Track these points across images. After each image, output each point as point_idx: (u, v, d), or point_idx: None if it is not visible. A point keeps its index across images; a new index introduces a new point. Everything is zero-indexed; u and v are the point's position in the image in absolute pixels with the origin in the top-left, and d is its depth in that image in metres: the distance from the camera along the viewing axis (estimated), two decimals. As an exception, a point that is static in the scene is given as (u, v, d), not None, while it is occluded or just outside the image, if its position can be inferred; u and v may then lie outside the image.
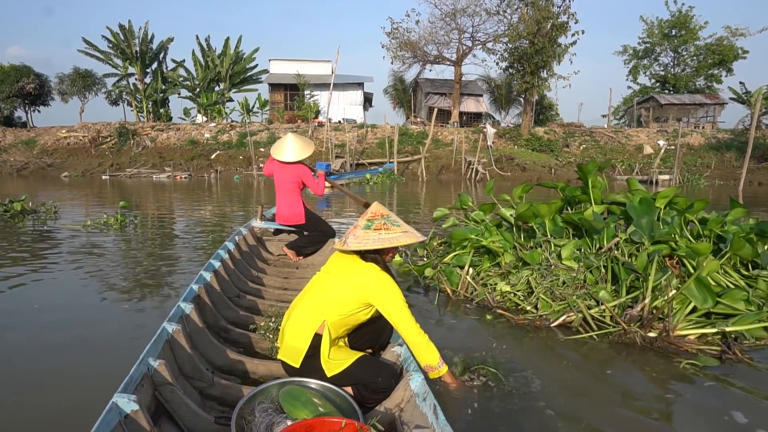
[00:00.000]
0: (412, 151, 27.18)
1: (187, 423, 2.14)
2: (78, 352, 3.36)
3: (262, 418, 2.01)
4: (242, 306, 3.81)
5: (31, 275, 5.34)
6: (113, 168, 26.06)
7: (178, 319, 2.79)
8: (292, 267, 5.34)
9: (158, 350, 2.38)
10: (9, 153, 28.07)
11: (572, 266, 4.34)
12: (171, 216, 11.10)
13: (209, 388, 2.51)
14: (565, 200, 5.53)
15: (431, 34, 31.57)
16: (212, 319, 3.27)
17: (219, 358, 2.82)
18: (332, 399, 2.22)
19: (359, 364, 2.35)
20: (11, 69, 31.93)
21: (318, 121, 30.15)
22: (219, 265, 4.06)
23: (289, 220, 5.34)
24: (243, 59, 34.93)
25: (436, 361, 2.41)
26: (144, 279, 5.29)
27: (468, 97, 34.68)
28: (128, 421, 1.84)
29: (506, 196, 6.02)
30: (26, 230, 8.30)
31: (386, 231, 2.45)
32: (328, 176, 9.83)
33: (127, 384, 1.98)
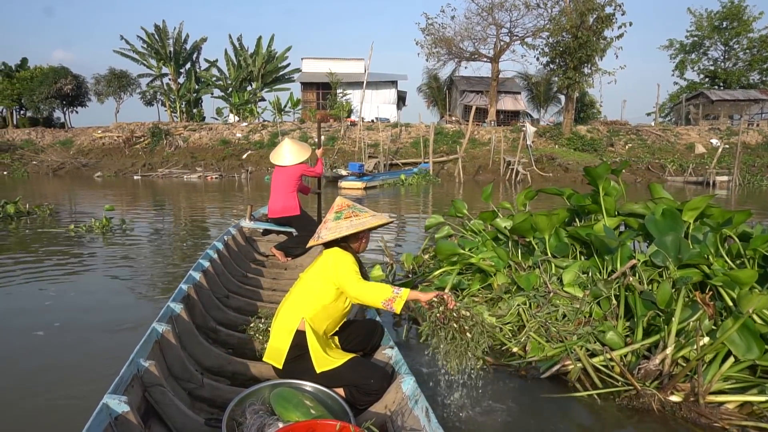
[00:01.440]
0: (447, 150, 26.21)
1: (176, 425, 2.11)
2: (64, 354, 3.36)
3: (253, 420, 1.99)
4: (231, 306, 3.77)
5: (12, 279, 5.34)
6: (145, 168, 25.95)
7: (168, 320, 2.75)
8: (281, 268, 5.33)
9: (148, 351, 2.35)
10: (47, 153, 28.32)
11: (576, 294, 3.49)
12: (175, 217, 10.67)
13: (199, 390, 2.48)
14: (572, 210, 4.55)
15: (467, 29, 30.55)
16: (201, 319, 3.23)
17: (208, 359, 2.80)
18: (324, 401, 2.20)
19: (350, 365, 2.34)
20: (50, 71, 32.34)
21: (350, 120, 29.47)
22: (208, 264, 4.02)
23: (283, 211, 5.38)
24: (275, 58, 34.57)
25: (389, 293, 2.25)
26: (126, 281, 5.38)
27: (505, 94, 33.46)
28: (119, 422, 1.81)
29: (507, 203, 5.11)
30: (9, 233, 8.09)
31: (356, 217, 2.52)
32: (361, 177, 9.89)
33: (117, 385, 1.95)
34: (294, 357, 2.36)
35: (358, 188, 17.42)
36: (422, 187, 19.19)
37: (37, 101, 31.62)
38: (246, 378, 2.72)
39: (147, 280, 5.48)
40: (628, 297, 3.34)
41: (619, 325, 3.23)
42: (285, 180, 5.40)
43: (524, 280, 3.78)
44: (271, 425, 1.97)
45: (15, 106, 33.65)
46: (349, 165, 19.85)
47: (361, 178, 18.10)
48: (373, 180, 18.65)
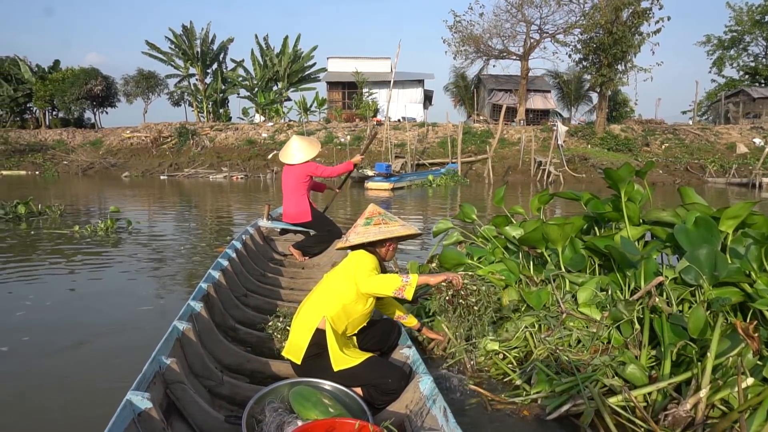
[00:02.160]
0: (475, 150, 25.60)
1: (197, 421, 2.14)
2: (86, 351, 3.42)
3: (273, 418, 2.00)
4: (249, 305, 3.80)
5: (27, 278, 5.41)
6: (172, 168, 26.01)
7: (188, 318, 2.77)
8: (298, 267, 5.34)
9: (169, 348, 2.37)
10: (77, 153, 28.68)
11: (592, 316, 3.01)
12: (199, 217, 10.40)
13: (218, 387, 2.50)
14: (591, 218, 4.00)
15: (496, 26, 29.84)
16: (220, 318, 3.26)
17: (227, 357, 2.83)
18: (342, 400, 2.20)
19: (368, 364, 2.35)
20: (81, 72, 32.77)
21: (377, 119, 29.07)
22: (227, 263, 4.04)
23: (296, 218, 5.33)
24: (301, 58, 34.43)
25: (399, 282, 2.30)
26: (147, 279, 5.45)
27: (534, 93, 32.63)
28: (142, 418, 1.83)
29: (519, 207, 4.58)
30: (20, 234, 8.07)
31: (385, 225, 2.58)
32: (388, 177, 9.47)
33: (140, 381, 1.97)
34: (313, 354, 2.38)
35: (385, 189, 16.97)
36: (450, 188, 18.66)
37: (68, 102, 32.08)
38: (264, 376, 2.74)
39: (167, 278, 5.46)
40: (653, 321, 2.84)
41: (642, 356, 2.72)
42: (294, 181, 5.29)
43: (534, 298, 3.30)
44: (290, 423, 1.97)
45: (48, 107, 34.26)
46: (376, 165, 19.40)
47: (388, 179, 17.64)
48: (400, 181, 18.18)
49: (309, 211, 5.31)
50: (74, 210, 11.47)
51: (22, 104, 34.74)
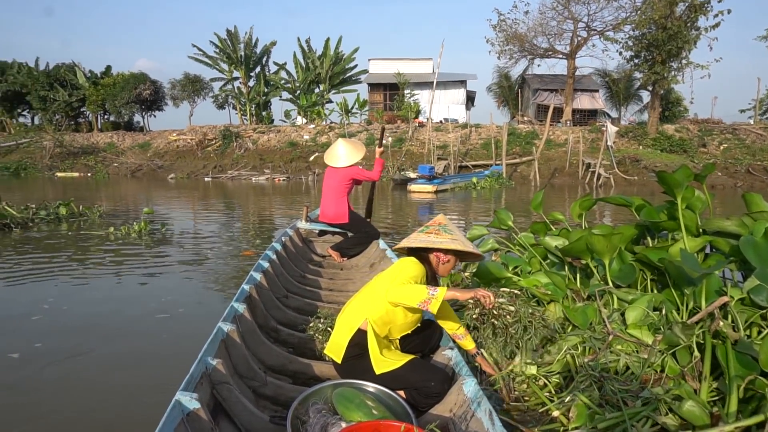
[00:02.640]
0: (520, 152, 24.92)
1: (243, 421, 2.15)
2: (133, 351, 3.49)
3: (317, 419, 2.00)
4: (290, 306, 3.81)
5: (81, 279, 5.53)
6: (216, 170, 26.40)
7: (232, 319, 2.79)
8: (336, 268, 5.36)
9: (215, 349, 2.39)
10: (126, 156, 29.53)
11: (643, 340, 2.62)
12: (242, 218, 10.35)
13: (262, 388, 2.52)
14: (643, 227, 3.56)
15: (541, 24, 29.01)
16: (263, 319, 3.27)
17: (270, 357, 2.83)
18: (385, 402, 2.18)
19: (410, 367, 2.31)
20: (130, 77, 33.80)
21: (418, 121, 28.73)
22: (267, 265, 4.08)
23: (333, 219, 5.39)
24: (343, 60, 34.44)
25: (425, 295, 2.16)
26: (190, 280, 5.53)
27: (581, 92, 31.58)
28: (190, 418, 1.84)
29: (559, 214, 4.20)
30: (58, 234, 8.18)
31: (436, 235, 2.48)
32: (431, 180, 11.34)
33: (188, 382, 1.98)
34: (354, 355, 2.37)
35: (428, 192, 16.59)
36: (495, 190, 18.12)
37: (118, 106, 33.11)
38: (307, 377, 2.75)
39: (211, 279, 5.51)
40: (716, 348, 2.41)
41: (702, 390, 2.30)
42: (336, 183, 5.39)
43: (579, 315, 2.92)
44: (334, 424, 1.97)
45: (100, 111, 35.46)
46: (419, 167, 19.02)
47: (431, 181, 17.25)
48: (443, 183, 17.75)
49: (347, 213, 5.39)
50: (116, 210, 11.65)
51: (77, 109, 36.08)
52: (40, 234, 8.11)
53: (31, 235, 8.01)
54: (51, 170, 28.52)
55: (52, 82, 35.08)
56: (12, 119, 37.21)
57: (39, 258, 6.39)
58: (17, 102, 36.30)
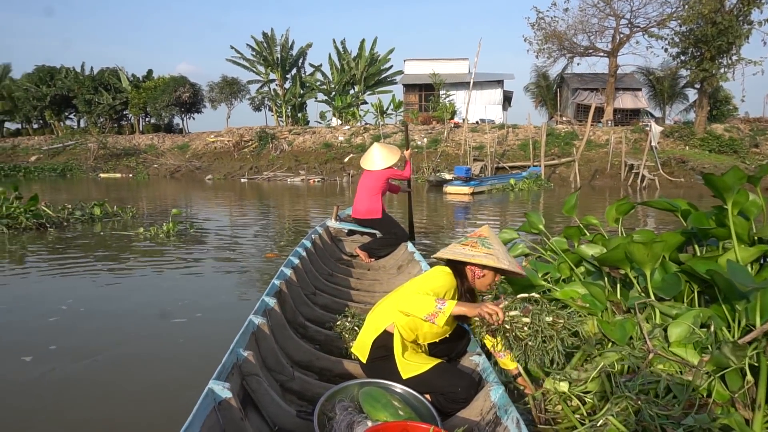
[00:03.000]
0: (559, 153, 24.27)
1: (270, 414, 2.18)
2: (167, 342, 3.64)
3: (343, 417, 2.00)
4: (318, 303, 3.84)
5: (119, 276, 5.76)
6: (252, 171, 26.69)
7: (263, 313, 2.83)
8: (364, 268, 5.37)
9: (246, 341, 2.43)
10: (165, 157, 30.21)
11: (687, 360, 2.29)
12: (277, 218, 10.23)
13: (289, 382, 2.54)
14: (689, 234, 3.20)
15: (582, 22, 28.16)
16: (291, 314, 3.30)
17: (298, 353, 2.86)
18: (411, 403, 2.17)
19: (436, 371, 2.29)
20: (170, 80, 34.60)
21: (454, 122, 28.35)
22: (297, 262, 4.12)
23: (366, 214, 5.44)
24: (378, 61, 34.35)
25: (432, 308, 2.12)
26: (221, 275, 5.73)
27: (623, 91, 30.50)
28: (222, 407, 1.87)
29: (594, 218, 4.01)
30: (94, 234, 8.35)
31: (471, 248, 2.40)
32: (468, 181, 11.08)
33: (220, 372, 2.02)
34: (379, 356, 2.36)
35: (464, 193, 16.25)
36: (533, 192, 17.63)
37: (159, 109, 33.93)
38: (332, 374, 2.76)
39: (230, 282, 5.51)
40: None
41: (756, 421, 1.99)
42: (372, 183, 5.49)
43: (617, 330, 2.63)
44: (360, 423, 1.97)
45: (141, 113, 36.45)
46: (455, 169, 18.68)
47: (467, 183, 16.90)
48: (480, 185, 17.36)
49: (380, 209, 5.46)
50: (153, 211, 11.81)
51: (120, 111, 37.18)
52: (72, 234, 8.24)
53: (65, 235, 8.15)
54: (95, 171, 29.46)
55: (97, 86, 36.25)
56: (60, 122, 38.64)
57: (67, 257, 6.47)
58: (65, 105, 37.66)
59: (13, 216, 8.35)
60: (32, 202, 8.82)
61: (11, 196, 8.84)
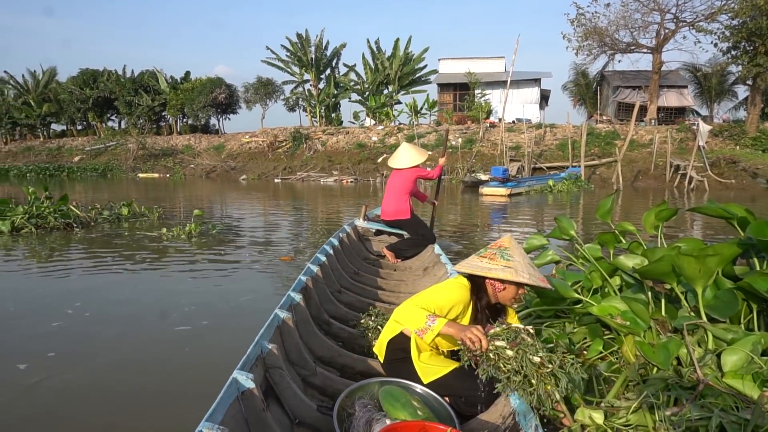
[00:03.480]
0: (599, 153, 23.43)
1: (291, 406, 2.22)
2: (194, 333, 3.77)
3: (362, 413, 2.02)
4: (342, 301, 3.86)
5: (154, 272, 5.97)
6: (285, 171, 26.75)
7: (288, 307, 2.85)
8: (390, 268, 5.36)
9: (270, 334, 2.45)
10: (201, 157, 30.65)
11: (745, 393, 1.94)
12: (310, 219, 9.99)
13: (311, 377, 2.57)
14: (748, 245, 2.74)
15: (624, 17, 27.14)
16: (316, 311, 3.33)
17: (321, 349, 2.89)
18: (431, 404, 2.18)
19: (456, 374, 2.25)
20: (207, 81, 35.11)
21: (489, 121, 27.77)
22: (324, 259, 4.15)
23: (394, 214, 5.48)
24: (412, 60, 34.00)
25: (422, 323, 2.12)
26: (248, 272, 5.88)
27: (668, 89, 29.29)
28: (245, 396, 1.91)
29: (629, 224, 3.55)
30: (119, 234, 8.36)
31: (490, 260, 2.31)
32: (505, 182, 10.92)
33: (244, 363, 2.05)
34: (396, 358, 2.36)
35: (501, 195, 15.75)
36: (573, 194, 16.98)
37: (196, 110, 34.48)
38: (354, 371, 2.78)
39: (243, 286, 5.43)
40: None
41: None
42: (400, 183, 5.50)
43: (660, 353, 2.24)
44: (379, 421, 1.99)
45: (179, 114, 37.15)
46: (492, 169, 18.19)
47: (504, 184, 16.39)
48: (517, 186, 16.82)
49: (408, 209, 5.47)
50: (185, 210, 11.81)
51: (158, 113, 38.00)
52: (96, 234, 8.28)
53: (90, 235, 8.20)
54: (134, 171, 30.12)
55: (137, 88, 37.14)
56: (102, 123, 39.78)
57: (86, 257, 6.58)
58: (107, 107, 38.76)
59: (43, 216, 8.52)
60: (61, 202, 8.99)
61: (42, 196, 9.03)
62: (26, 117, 39.05)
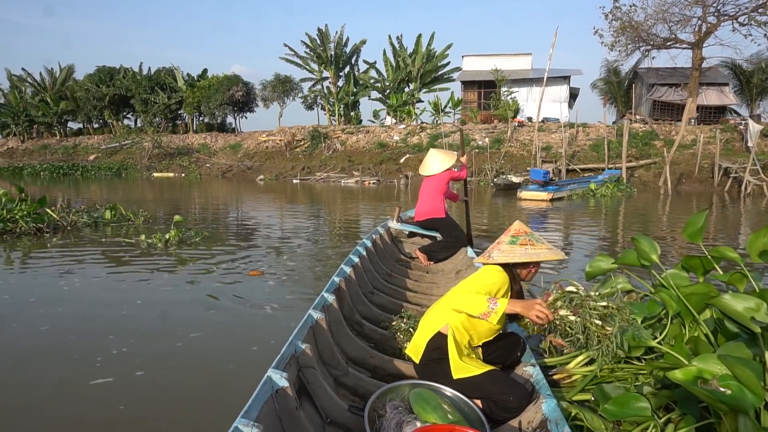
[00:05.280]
0: (636, 154, 21.99)
1: (323, 406, 2.26)
2: (229, 331, 3.92)
3: (393, 415, 2.04)
4: (375, 303, 3.86)
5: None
6: (304, 172, 25.72)
7: (322, 308, 2.89)
8: (422, 270, 5.34)
9: (304, 334, 2.50)
10: (218, 157, 29.80)
11: None
12: (292, 230, 8.88)
13: (343, 377, 2.60)
14: None
15: (662, 11, 25.61)
16: (348, 312, 3.35)
17: (353, 349, 2.91)
18: (461, 408, 2.19)
19: (489, 377, 2.28)
20: (224, 79, 34.30)
21: (518, 120, 26.42)
22: (357, 260, 4.20)
23: (429, 213, 5.51)
24: (435, 57, 32.75)
25: (485, 307, 2.19)
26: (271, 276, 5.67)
27: (707, 86, 27.68)
28: (279, 395, 1.96)
29: (728, 249, 2.71)
30: (93, 240, 7.83)
31: (532, 247, 2.45)
32: (545, 186, 11.54)
33: (278, 361, 2.10)
34: (433, 359, 2.37)
35: (542, 200, 14.46)
36: (617, 198, 15.62)
37: (212, 108, 33.68)
38: (385, 373, 2.77)
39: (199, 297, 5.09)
40: None
41: None
42: (433, 185, 5.53)
43: None
44: (409, 423, 2.00)
45: (195, 113, 36.41)
46: (531, 172, 16.85)
47: (545, 188, 15.08)
48: (559, 190, 15.45)
49: (443, 209, 5.50)
50: (179, 213, 10.86)
51: (174, 111, 37.31)
52: (69, 240, 7.71)
53: (62, 241, 7.64)
54: (149, 170, 29.35)
55: (153, 85, 36.49)
56: (118, 122, 39.21)
57: (40, 266, 6.14)
58: (123, 105, 38.19)
59: (13, 220, 7.97)
60: (37, 205, 8.50)
61: (17, 198, 8.52)
62: (43, 115, 38.68)
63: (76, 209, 9.48)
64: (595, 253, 6.46)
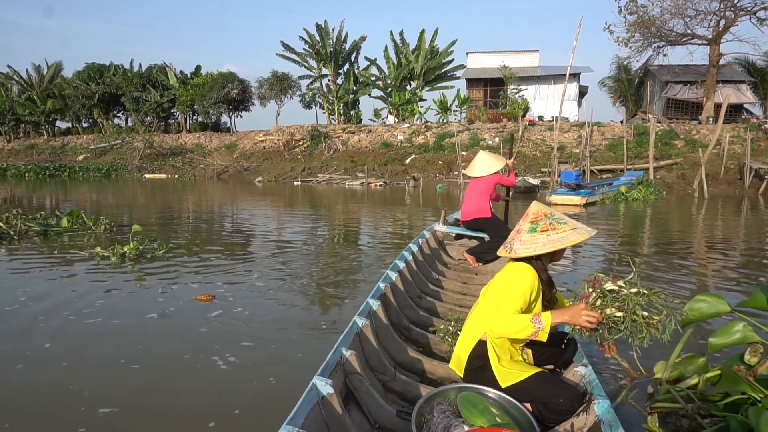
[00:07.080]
0: (656, 154, 20.84)
1: (371, 411, 2.25)
2: (271, 340, 3.69)
3: (440, 419, 2.03)
4: (422, 307, 3.84)
5: None
6: (305, 173, 24.41)
7: (367, 315, 2.91)
8: (471, 272, 5.29)
9: (349, 341, 2.52)
10: (213, 157, 28.43)
11: None
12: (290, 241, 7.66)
13: (391, 382, 2.60)
14: None
15: (678, 6, 24.52)
16: (395, 317, 3.37)
17: (400, 354, 2.91)
18: (510, 411, 2.12)
19: (537, 380, 2.20)
20: (219, 76, 32.93)
21: (529, 119, 25.24)
22: (403, 266, 4.18)
23: (475, 213, 5.43)
24: (438, 54, 31.52)
25: (530, 329, 2.09)
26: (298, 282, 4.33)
27: (724, 84, 26.62)
28: (324, 401, 1.95)
29: None
30: (41, 251, 7.06)
31: (554, 231, 2.30)
32: (577, 189, 10.87)
33: (324, 369, 2.11)
34: (476, 367, 2.30)
35: (575, 204, 13.24)
36: (650, 202, 14.43)
37: (206, 106, 32.30)
38: (434, 377, 2.75)
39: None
40: None
41: None
42: (480, 186, 5.44)
43: None
44: (457, 427, 1.98)
45: (188, 111, 35.00)
46: (562, 174, 15.58)
47: (577, 192, 13.84)
48: (592, 194, 14.19)
49: (489, 209, 5.40)
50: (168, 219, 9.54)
51: (167, 109, 35.86)
52: (7, 250, 7.04)
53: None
54: (140, 171, 27.89)
55: (144, 83, 35.04)
56: (108, 121, 37.66)
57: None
58: (113, 103, 36.67)
59: None
60: None
61: None
62: (30, 114, 37.07)
63: (33, 216, 8.65)
64: (695, 289, 5.32)
